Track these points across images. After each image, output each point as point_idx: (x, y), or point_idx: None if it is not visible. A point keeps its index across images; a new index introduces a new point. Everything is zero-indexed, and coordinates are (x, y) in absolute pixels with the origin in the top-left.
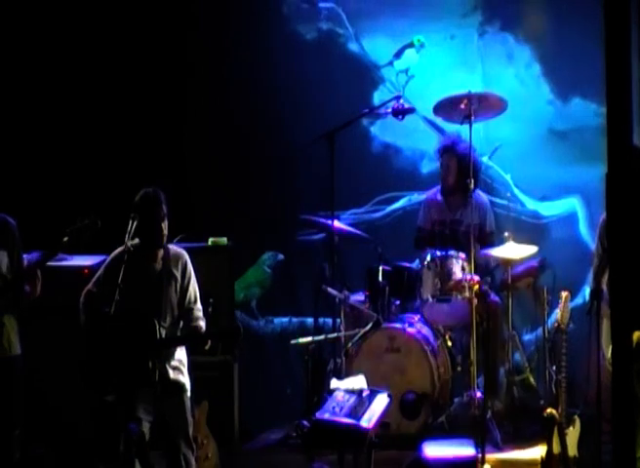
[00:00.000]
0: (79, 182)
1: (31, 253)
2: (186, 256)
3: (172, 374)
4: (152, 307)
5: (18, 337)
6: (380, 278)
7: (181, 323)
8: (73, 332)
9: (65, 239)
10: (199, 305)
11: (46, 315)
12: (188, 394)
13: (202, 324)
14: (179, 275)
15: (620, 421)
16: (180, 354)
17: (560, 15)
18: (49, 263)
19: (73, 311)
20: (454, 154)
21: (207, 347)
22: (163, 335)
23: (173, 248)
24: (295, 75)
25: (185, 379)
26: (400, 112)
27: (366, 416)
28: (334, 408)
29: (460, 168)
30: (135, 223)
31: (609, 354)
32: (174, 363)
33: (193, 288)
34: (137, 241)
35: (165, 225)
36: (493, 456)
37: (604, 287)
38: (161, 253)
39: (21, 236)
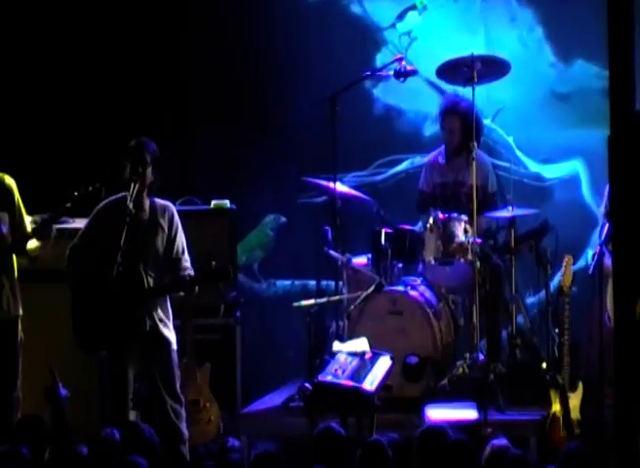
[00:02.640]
0: (82, 149)
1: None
2: (173, 208)
3: (160, 326)
4: (139, 257)
5: (19, 298)
6: (383, 241)
7: (168, 275)
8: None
9: (68, 204)
10: (187, 256)
11: (46, 277)
12: (174, 347)
13: (191, 273)
14: (165, 226)
15: (623, 383)
16: (166, 308)
17: None
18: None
19: None
20: (456, 115)
21: (196, 291)
22: (151, 285)
23: (159, 200)
24: (296, 38)
25: (172, 334)
26: (402, 74)
27: (368, 379)
28: (336, 370)
29: (464, 128)
30: (136, 186)
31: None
32: (160, 315)
33: (181, 239)
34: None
35: (149, 171)
36: (495, 419)
37: (608, 248)
38: (147, 203)
39: (24, 197)
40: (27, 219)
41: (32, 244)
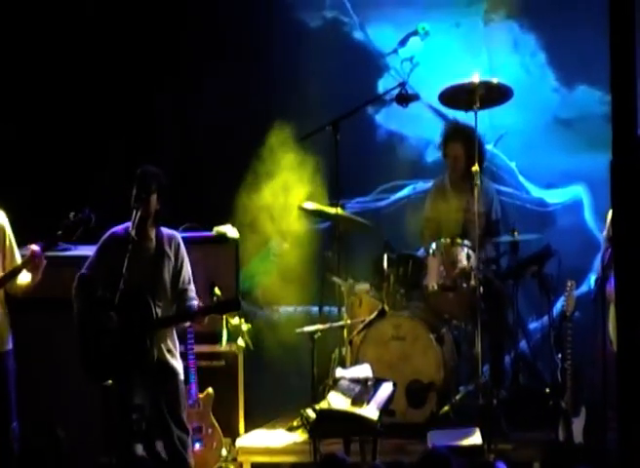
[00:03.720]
0: (76, 175)
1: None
2: (179, 238)
3: (167, 357)
4: (147, 287)
5: (10, 332)
6: (385, 266)
7: (174, 305)
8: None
9: (60, 233)
10: (192, 286)
11: (50, 306)
12: (182, 377)
13: (196, 303)
14: (172, 255)
15: (627, 409)
16: (173, 338)
17: (565, 2)
18: (54, 253)
19: None
20: (459, 142)
21: (205, 322)
22: (159, 315)
23: (165, 229)
24: (299, 63)
25: (179, 363)
26: (404, 99)
27: (371, 405)
28: (339, 396)
29: (467, 154)
30: (138, 213)
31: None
32: (168, 346)
33: (187, 269)
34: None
35: (153, 199)
36: (499, 445)
37: (611, 274)
38: (154, 232)
39: (14, 230)
40: (18, 254)
41: (24, 279)
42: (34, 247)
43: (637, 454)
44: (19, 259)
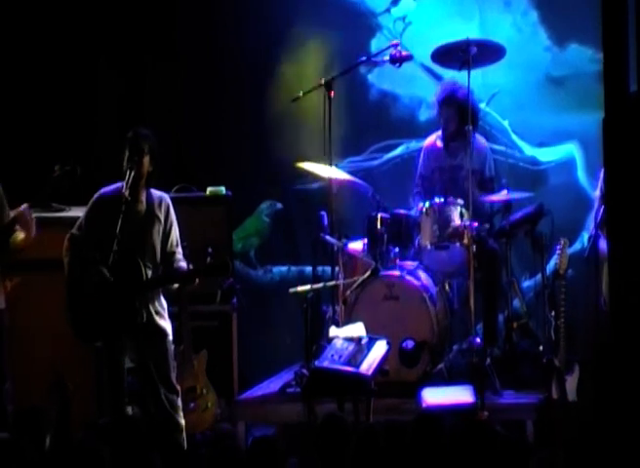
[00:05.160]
0: (68, 130)
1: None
2: (169, 200)
3: (156, 318)
4: (136, 248)
5: (2, 292)
6: (379, 226)
7: (161, 267)
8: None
9: (47, 188)
10: (180, 249)
11: (45, 266)
12: (170, 338)
13: (184, 265)
14: (162, 217)
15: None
16: (160, 300)
17: None
18: (48, 214)
19: None
20: (453, 104)
21: (195, 283)
22: (148, 276)
23: (155, 191)
24: (291, 23)
25: (168, 324)
26: (397, 60)
27: (365, 364)
28: (332, 356)
29: (460, 115)
30: (132, 173)
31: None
32: (157, 307)
33: (175, 231)
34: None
35: (146, 161)
36: (492, 403)
37: (604, 232)
38: (144, 194)
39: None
40: (9, 213)
41: (18, 236)
42: (23, 206)
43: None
44: (9, 215)
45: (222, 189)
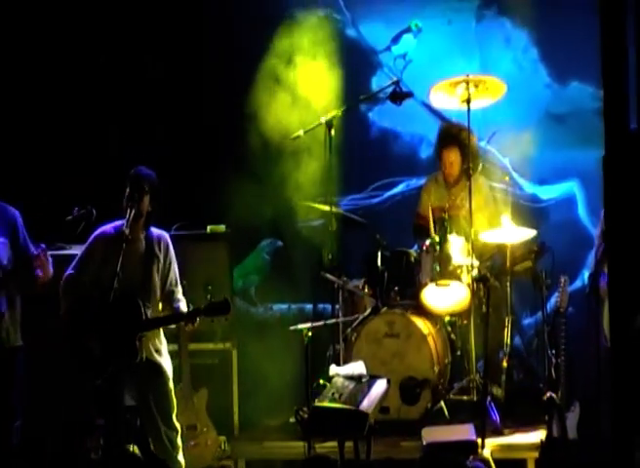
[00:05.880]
0: (76, 174)
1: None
2: (168, 238)
3: (156, 356)
4: (136, 286)
5: (18, 329)
6: (379, 263)
7: (161, 305)
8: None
9: (63, 228)
10: (179, 287)
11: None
12: (170, 375)
13: (183, 305)
14: (161, 256)
15: (620, 404)
16: (161, 338)
17: None
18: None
19: None
20: (455, 147)
21: (195, 324)
22: (148, 315)
23: (154, 229)
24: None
25: (167, 362)
26: (398, 97)
27: (365, 402)
28: (333, 394)
29: (463, 158)
30: (133, 212)
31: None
32: (156, 345)
33: (175, 270)
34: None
35: (146, 200)
36: (493, 441)
37: (605, 269)
38: (143, 233)
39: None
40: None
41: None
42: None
43: (631, 449)
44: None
45: (223, 227)
